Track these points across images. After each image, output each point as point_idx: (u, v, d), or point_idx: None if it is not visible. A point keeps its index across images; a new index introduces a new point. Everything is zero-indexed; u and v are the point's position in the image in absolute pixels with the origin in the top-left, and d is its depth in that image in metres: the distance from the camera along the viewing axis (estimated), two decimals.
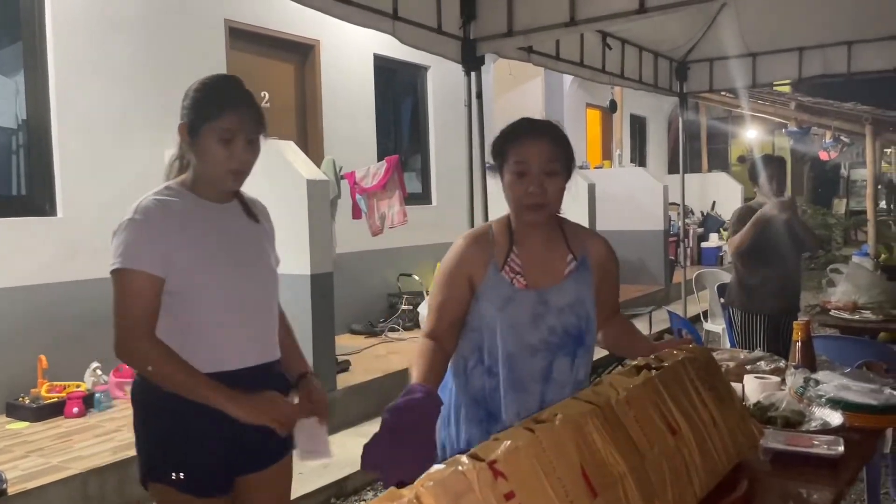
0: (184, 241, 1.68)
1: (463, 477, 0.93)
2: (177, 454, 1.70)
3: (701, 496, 1.35)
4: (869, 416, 1.87)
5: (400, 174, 5.24)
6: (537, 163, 1.72)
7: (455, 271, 1.80)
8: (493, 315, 1.77)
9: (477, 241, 1.83)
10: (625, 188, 9.41)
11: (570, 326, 1.79)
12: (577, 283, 1.82)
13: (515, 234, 1.83)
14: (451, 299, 1.80)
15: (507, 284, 1.78)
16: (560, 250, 1.85)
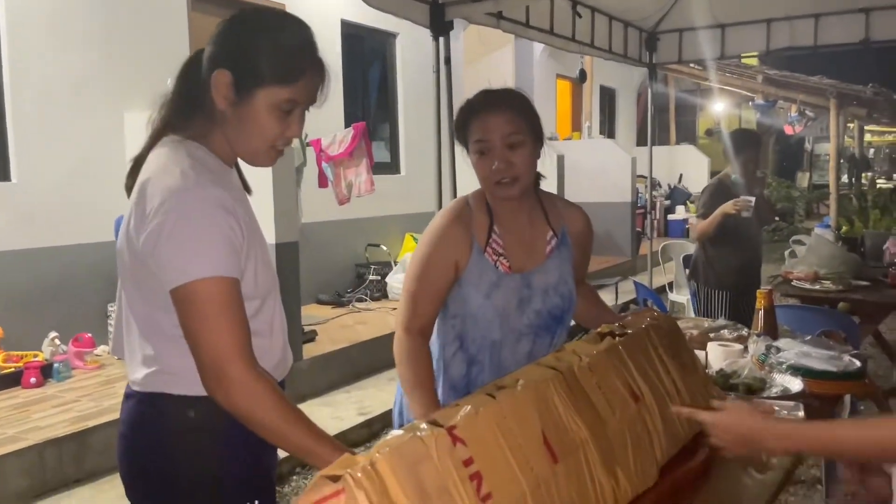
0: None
1: (421, 443, 0.91)
2: (248, 480, 1.36)
3: (662, 462, 1.35)
4: (828, 383, 1.89)
5: (367, 142, 5.16)
6: (499, 137, 1.62)
7: (441, 256, 1.67)
8: (478, 303, 1.68)
9: (458, 221, 1.70)
10: (593, 160, 9.42)
11: (554, 308, 1.74)
12: (559, 261, 1.76)
13: (494, 211, 1.72)
14: (438, 287, 1.68)
15: (492, 268, 1.69)
16: (541, 227, 1.76)
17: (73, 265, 4.42)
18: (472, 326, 1.70)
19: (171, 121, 1.33)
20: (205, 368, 1.20)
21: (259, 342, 1.30)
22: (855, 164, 11.49)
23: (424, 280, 1.67)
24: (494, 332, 1.70)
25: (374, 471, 0.83)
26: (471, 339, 1.71)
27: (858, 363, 1.97)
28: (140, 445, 1.34)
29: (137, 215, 1.24)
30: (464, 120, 1.67)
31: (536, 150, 1.68)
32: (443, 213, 1.74)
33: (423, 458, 0.89)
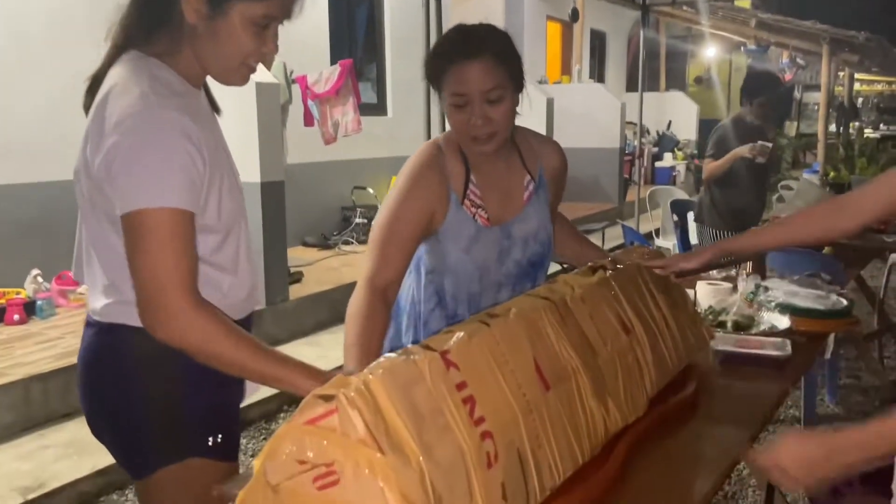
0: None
1: (414, 366, 0.89)
2: (210, 415, 1.32)
3: (652, 394, 1.36)
4: (815, 321, 1.90)
5: (354, 80, 5.05)
6: (477, 92, 1.46)
7: (416, 205, 1.54)
8: (457, 257, 1.60)
9: (434, 169, 1.57)
10: (582, 105, 9.32)
11: (533, 255, 1.68)
12: (537, 207, 1.68)
13: (470, 159, 1.60)
14: (411, 238, 1.54)
15: (471, 221, 1.59)
16: (518, 173, 1.66)
17: (55, 201, 4.33)
18: (450, 281, 1.62)
19: (132, 35, 1.23)
20: (141, 301, 1.13)
21: (223, 278, 1.27)
22: (843, 112, 11.45)
23: (397, 229, 1.53)
24: (474, 286, 1.63)
25: (367, 390, 0.81)
26: (450, 295, 1.63)
27: (845, 302, 1.98)
28: (97, 377, 1.30)
29: (94, 136, 1.17)
30: (439, 67, 1.49)
31: (516, 100, 1.55)
32: (417, 160, 1.59)
33: (417, 381, 0.88)
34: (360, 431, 0.78)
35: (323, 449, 0.79)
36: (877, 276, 5.65)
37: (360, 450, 0.78)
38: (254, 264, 1.40)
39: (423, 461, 0.81)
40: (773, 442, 1.18)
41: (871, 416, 2.64)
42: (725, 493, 2.75)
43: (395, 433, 0.81)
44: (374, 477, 0.77)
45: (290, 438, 0.81)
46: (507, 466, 0.94)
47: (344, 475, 0.78)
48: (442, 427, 0.87)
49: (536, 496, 0.98)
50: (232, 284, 1.31)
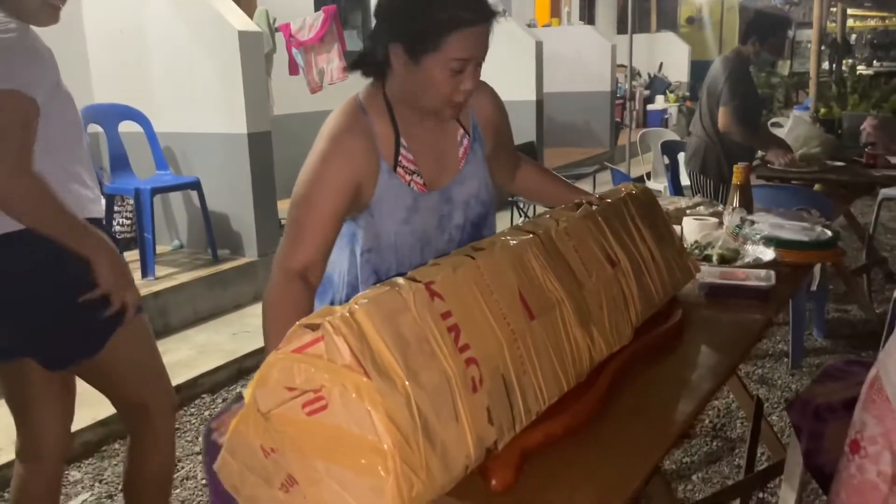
0: (52, 66, 1.53)
1: (398, 296, 0.91)
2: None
3: (637, 324, 1.38)
4: (800, 252, 1.92)
5: (338, 26, 4.96)
6: (479, 56, 1.37)
7: (339, 175, 1.38)
8: (395, 230, 1.46)
9: (359, 132, 1.41)
10: (572, 48, 9.19)
11: (475, 217, 1.56)
12: (475, 164, 1.55)
13: (399, 120, 1.45)
14: (333, 212, 1.38)
15: (407, 190, 1.45)
16: (450, 129, 1.53)
17: None
18: (389, 257, 1.48)
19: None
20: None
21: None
22: (836, 49, 11.30)
23: (317, 203, 1.37)
24: (415, 258, 1.48)
25: (352, 319, 0.83)
26: (392, 270, 1.48)
27: (830, 233, 2.00)
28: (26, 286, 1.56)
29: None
30: (442, 29, 1.32)
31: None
32: (336, 123, 1.43)
33: (401, 310, 0.89)
34: (346, 357, 0.80)
35: (311, 375, 0.81)
36: (867, 212, 5.69)
37: (347, 375, 0.80)
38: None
39: (409, 385, 0.83)
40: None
41: (859, 350, 2.68)
42: (714, 425, 2.82)
43: (380, 359, 0.83)
44: (360, 400, 0.79)
45: (278, 367, 0.83)
46: (493, 391, 0.97)
47: (332, 400, 0.81)
48: (427, 354, 0.89)
49: (522, 420, 1.01)
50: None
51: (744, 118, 3.63)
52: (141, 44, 4.29)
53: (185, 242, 4.57)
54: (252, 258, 4.31)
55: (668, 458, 2.60)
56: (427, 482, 0.82)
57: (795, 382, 3.18)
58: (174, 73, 4.29)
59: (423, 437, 0.83)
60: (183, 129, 4.35)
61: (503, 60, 8.07)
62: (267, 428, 0.85)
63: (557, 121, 9.27)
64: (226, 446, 0.90)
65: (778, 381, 3.20)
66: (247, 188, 4.23)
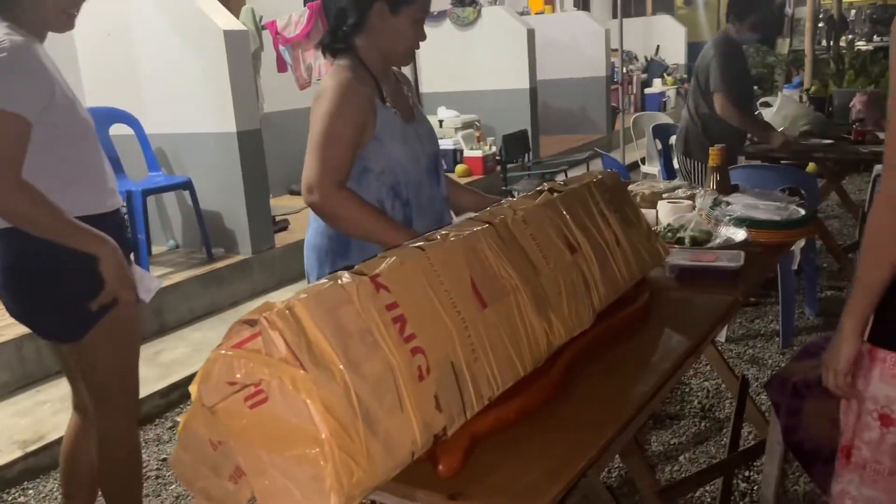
0: (57, 78, 1.63)
1: (342, 290, 0.93)
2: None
3: (600, 308, 1.40)
4: (772, 232, 1.94)
5: (324, 21, 4.95)
6: (427, 13, 1.81)
7: (352, 112, 1.71)
8: (398, 150, 1.81)
9: (357, 79, 1.75)
10: (566, 34, 9.17)
11: (436, 151, 1.97)
12: (420, 112, 1.98)
13: (377, 75, 1.81)
14: (355, 144, 1.73)
15: (396, 118, 1.82)
16: (401, 87, 1.93)
17: None
18: (400, 174, 1.83)
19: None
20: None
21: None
22: (833, 25, 11.23)
23: (339, 134, 1.70)
24: (413, 174, 1.85)
25: (290, 313, 0.85)
26: (402, 185, 1.84)
27: (802, 212, 2.01)
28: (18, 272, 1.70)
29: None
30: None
31: None
32: (338, 77, 1.74)
33: (343, 303, 0.91)
34: (282, 351, 0.83)
35: (250, 370, 0.83)
36: (864, 189, 5.68)
37: (284, 368, 0.82)
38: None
39: (348, 376, 0.85)
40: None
41: None
42: (703, 406, 2.84)
43: (318, 351, 0.85)
44: (297, 392, 0.81)
45: (219, 362, 0.85)
46: (441, 379, 0.99)
47: (271, 393, 0.83)
48: (370, 344, 0.91)
49: (473, 405, 1.03)
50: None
51: (739, 102, 3.58)
52: (128, 47, 4.31)
53: (180, 242, 4.60)
54: (246, 255, 4.35)
55: (656, 440, 2.62)
56: (368, 469, 0.85)
57: (786, 361, 3.19)
58: (162, 74, 4.31)
59: (363, 426, 0.85)
60: (173, 130, 4.38)
61: (496, 49, 8.08)
62: (214, 422, 0.87)
63: (554, 108, 9.26)
64: (178, 442, 0.92)
65: (769, 361, 3.21)
66: (238, 186, 4.26)
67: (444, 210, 1.98)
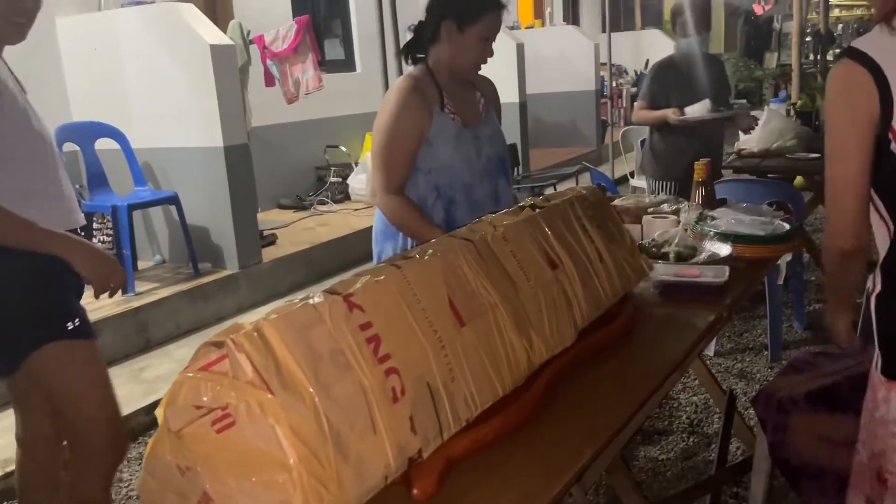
0: (8, 88, 1.58)
1: (313, 310, 0.91)
2: (62, 301, 1.65)
3: (582, 325, 1.38)
4: (756, 247, 1.93)
5: (311, 36, 4.97)
6: (497, 33, 2.02)
7: (408, 126, 1.97)
8: (448, 153, 2.01)
9: (415, 92, 1.98)
10: (556, 48, 9.21)
11: (499, 153, 2.16)
12: (491, 116, 2.17)
13: (440, 83, 2.04)
14: (409, 151, 1.99)
15: (451, 123, 2.03)
16: (471, 91, 2.14)
17: None
18: (445, 174, 2.03)
19: None
20: None
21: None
22: (820, 39, 11.33)
23: (397, 145, 1.98)
24: (465, 176, 2.05)
25: (258, 335, 0.83)
26: (447, 186, 2.04)
27: (787, 226, 2.01)
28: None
29: None
30: (484, 6, 1.96)
31: None
32: (399, 88, 1.99)
33: (314, 323, 0.90)
34: (248, 374, 0.81)
35: (217, 393, 0.81)
36: None
37: (251, 391, 0.80)
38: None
39: (318, 399, 0.83)
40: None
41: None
42: (691, 421, 2.82)
43: (287, 374, 0.83)
44: (264, 416, 0.79)
45: (186, 385, 0.83)
46: (416, 400, 0.97)
47: (238, 417, 0.81)
48: (342, 365, 0.89)
49: (450, 426, 1.01)
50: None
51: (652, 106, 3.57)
52: (115, 61, 4.29)
53: (166, 257, 4.57)
54: (233, 270, 4.32)
55: (644, 456, 2.60)
56: (338, 495, 0.82)
57: (775, 375, 3.18)
58: (149, 88, 4.30)
59: (333, 450, 0.83)
60: (160, 145, 4.36)
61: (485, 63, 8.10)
62: (180, 447, 0.85)
63: (544, 121, 9.28)
64: (144, 466, 0.90)
65: (757, 375, 3.20)
66: (225, 201, 4.24)
67: (507, 206, 2.09)
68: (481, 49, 2.00)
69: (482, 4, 1.97)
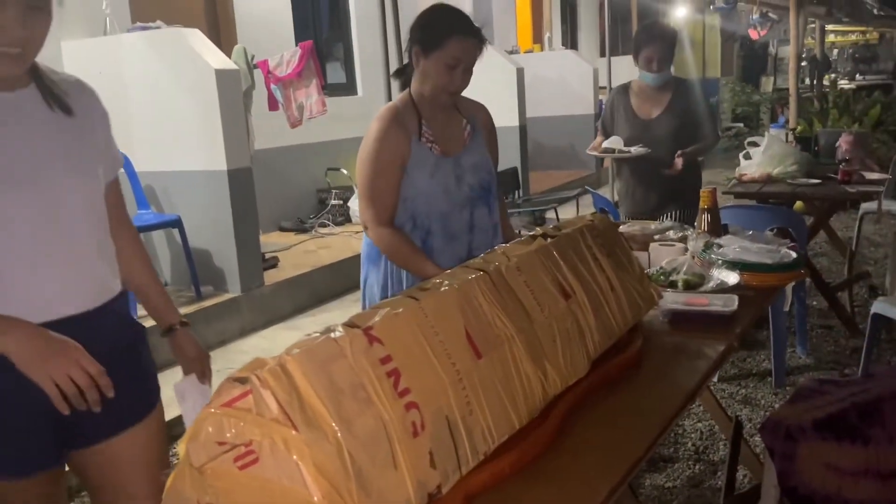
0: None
1: (334, 344, 0.91)
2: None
3: (595, 356, 1.38)
4: (764, 275, 1.94)
5: (316, 61, 5.01)
6: (469, 61, 1.97)
7: (388, 157, 1.98)
8: (425, 182, 2.01)
9: (394, 122, 2.00)
10: (555, 72, 9.29)
11: (483, 181, 2.12)
12: (476, 143, 2.14)
13: (420, 108, 2.04)
14: (393, 182, 2.00)
15: (429, 153, 2.03)
16: (456, 118, 2.12)
17: None
18: (422, 204, 2.03)
19: None
20: None
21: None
22: (816, 65, 11.45)
23: (380, 178, 1.99)
24: (441, 205, 2.04)
25: (281, 370, 0.83)
26: (423, 215, 2.04)
27: (794, 255, 2.01)
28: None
29: None
30: (444, 32, 1.93)
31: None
32: (379, 118, 2.01)
33: (336, 357, 0.90)
34: (273, 410, 0.81)
35: (241, 429, 0.81)
36: (852, 226, 5.72)
37: (275, 428, 0.80)
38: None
39: (341, 435, 0.83)
40: None
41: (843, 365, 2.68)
42: (696, 448, 2.81)
43: (310, 409, 0.83)
44: (289, 453, 0.79)
45: (209, 421, 0.83)
46: (435, 434, 0.97)
47: (262, 453, 0.81)
48: (363, 400, 0.89)
49: (468, 461, 1.01)
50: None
51: (604, 136, 3.38)
52: (120, 85, 4.32)
53: (168, 280, 4.56)
54: (235, 294, 4.31)
55: (650, 483, 2.59)
56: None
57: (779, 401, 3.18)
58: (154, 112, 4.32)
59: (356, 487, 0.83)
60: (163, 168, 4.37)
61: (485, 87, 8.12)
62: (202, 482, 0.85)
63: (543, 144, 9.34)
64: (164, 501, 0.89)
65: (761, 401, 3.19)
66: (228, 224, 4.24)
67: (487, 236, 2.15)
68: (448, 75, 1.95)
69: (444, 30, 1.94)
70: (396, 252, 2.02)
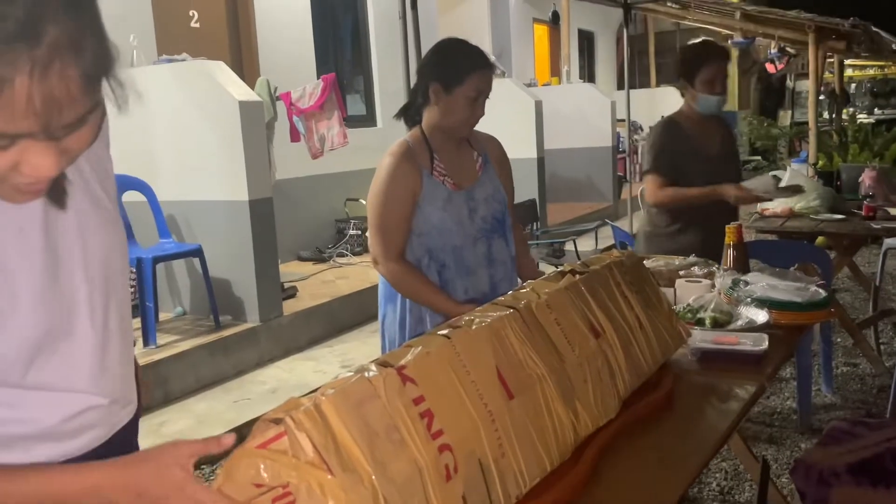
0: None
1: (368, 384, 0.90)
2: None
3: (625, 396, 1.36)
4: (793, 314, 1.90)
5: (338, 93, 5.07)
6: (488, 93, 2.00)
7: (399, 192, 1.99)
8: (438, 216, 2.01)
9: (406, 157, 2.00)
10: (573, 105, 9.34)
11: (496, 213, 2.12)
12: (489, 175, 2.14)
13: (432, 143, 2.05)
14: (403, 217, 2.00)
15: (442, 186, 2.03)
16: (468, 151, 2.13)
17: None
18: (436, 237, 2.03)
19: None
20: None
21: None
22: (835, 99, 11.44)
23: (391, 213, 1.99)
24: (455, 239, 2.04)
25: (316, 412, 0.82)
26: (439, 248, 2.04)
27: (823, 293, 1.98)
28: None
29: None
30: (469, 66, 1.95)
31: None
32: (391, 154, 2.01)
33: (370, 398, 0.88)
34: (309, 453, 0.79)
35: (276, 471, 0.80)
36: (875, 261, 5.65)
37: (311, 471, 0.79)
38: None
39: (376, 479, 0.82)
40: None
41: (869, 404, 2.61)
42: (721, 488, 2.75)
43: (346, 453, 0.82)
44: (325, 498, 0.78)
45: (244, 462, 0.82)
46: (468, 478, 0.95)
47: (299, 496, 0.79)
48: (397, 443, 0.88)
49: None
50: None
51: (669, 181, 2.84)
52: (145, 115, 4.38)
53: (187, 309, 4.58)
54: (254, 323, 4.31)
55: None
56: None
57: (805, 441, 3.11)
58: (177, 142, 4.37)
59: None
60: (185, 198, 4.41)
61: (504, 119, 8.19)
62: None
63: (561, 176, 9.35)
64: None
65: (787, 441, 3.12)
66: (248, 254, 4.26)
67: (507, 269, 2.16)
68: (470, 109, 1.97)
69: (467, 65, 1.96)
70: (408, 285, 2.01)
